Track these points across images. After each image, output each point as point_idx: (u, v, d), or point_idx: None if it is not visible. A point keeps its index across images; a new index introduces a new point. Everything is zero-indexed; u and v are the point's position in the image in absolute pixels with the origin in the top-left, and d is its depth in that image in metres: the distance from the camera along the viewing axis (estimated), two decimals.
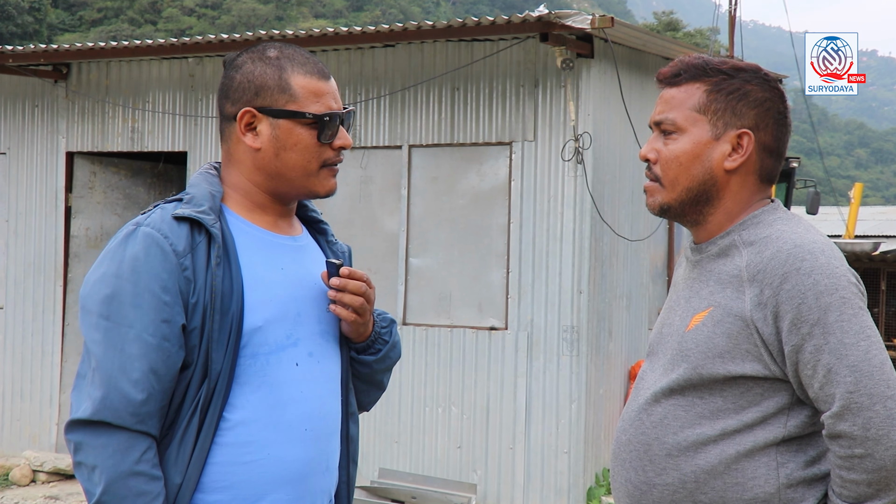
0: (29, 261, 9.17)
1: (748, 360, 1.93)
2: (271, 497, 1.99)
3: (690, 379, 1.98)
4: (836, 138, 78.37)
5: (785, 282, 1.89)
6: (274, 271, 2.06)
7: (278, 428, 2.00)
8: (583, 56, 7.29)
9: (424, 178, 7.86)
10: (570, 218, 7.32)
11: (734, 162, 2.05)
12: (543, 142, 7.44)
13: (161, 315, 1.91)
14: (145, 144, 8.84)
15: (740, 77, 2.06)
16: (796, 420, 1.95)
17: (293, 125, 2.05)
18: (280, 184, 2.09)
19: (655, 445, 2.01)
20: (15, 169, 9.27)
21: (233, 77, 2.08)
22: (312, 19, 47.92)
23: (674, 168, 2.06)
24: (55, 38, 40.12)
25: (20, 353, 9.12)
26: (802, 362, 1.89)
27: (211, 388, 1.94)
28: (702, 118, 2.05)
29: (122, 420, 1.88)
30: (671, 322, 2.10)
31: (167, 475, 1.93)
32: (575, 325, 7.32)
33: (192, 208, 2.00)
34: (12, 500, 7.93)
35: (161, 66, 8.83)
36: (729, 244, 2.04)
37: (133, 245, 1.95)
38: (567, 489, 7.31)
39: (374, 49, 8.03)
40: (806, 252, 1.91)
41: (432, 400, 7.76)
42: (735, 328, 1.94)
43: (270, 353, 2.01)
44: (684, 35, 33.81)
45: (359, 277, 2.12)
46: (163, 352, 1.91)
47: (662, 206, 2.10)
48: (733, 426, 1.95)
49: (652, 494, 2.01)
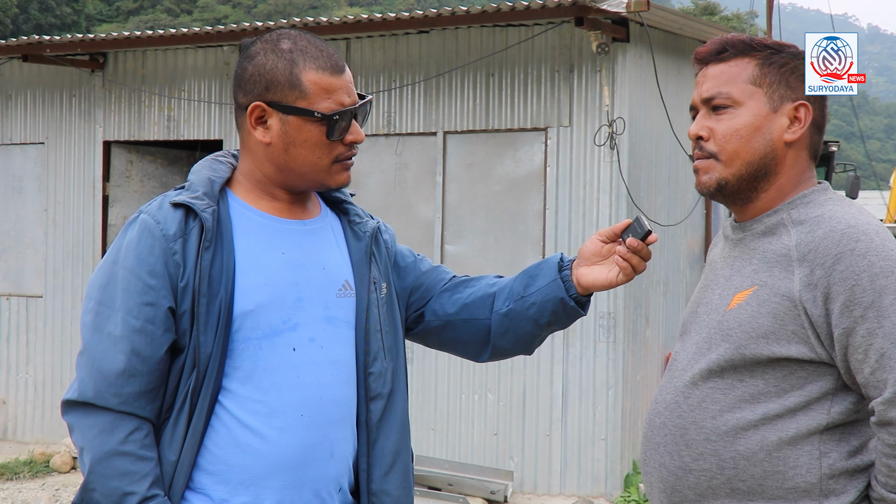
0: (67, 250, 9.25)
1: (794, 342, 1.88)
2: (268, 481, 1.98)
3: (732, 359, 1.93)
4: (876, 122, 77.38)
5: (838, 262, 1.83)
6: (273, 255, 2.04)
7: (273, 413, 1.99)
8: (618, 40, 7.22)
9: (459, 165, 7.83)
10: (605, 203, 7.27)
11: (794, 134, 2.02)
12: (579, 127, 7.38)
13: (146, 298, 1.93)
14: (181, 133, 8.88)
15: (787, 52, 2.05)
16: (840, 406, 1.89)
17: (302, 122, 2.03)
18: (290, 177, 2.08)
19: (693, 429, 1.96)
20: (53, 158, 9.35)
21: (245, 67, 2.07)
22: (347, 7, 47.95)
23: (734, 142, 2.00)
24: (93, 28, 40.44)
25: (59, 342, 9.21)
26: (853, 346, 1.82)
27: (201, 373, 1.95)
28: (758, 91, 2.01)
29: (105, 401, 1.91)
30: (709, 301, 2.05)
31: (162, 455, 1.95)
32: (611, 312, 7.28)
33: (187, 195, 2.01)
34: (53, 486, 8.02)
35: (196, 54, 8.86)
36: (776, 223, 1.99)
37: (131, 232, 2.00)
38: (604, 476, 7.28)
39: (409, 35, 8.00)
40: (860, 233, 1.85)
41: (468, 387, 7.75)
42: (782, 308, 1.88)
43: (264, 337, 2.00)
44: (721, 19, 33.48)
45: (648, 254, 2.14)
46: (146, 334, 1.93)
47: (720, 181, 2.02)
48: (775, 410, 1.89)
49: (688, 480, 1.96)
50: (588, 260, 2.21)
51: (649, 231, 2.10)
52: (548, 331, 2.27)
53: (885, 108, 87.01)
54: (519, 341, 2.27)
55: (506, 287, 2.28)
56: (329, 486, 2.06)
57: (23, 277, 9.45)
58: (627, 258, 2.14)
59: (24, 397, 9.38)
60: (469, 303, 2.29)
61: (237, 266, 1.99)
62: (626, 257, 2.14)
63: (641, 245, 2.12)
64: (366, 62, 8.15)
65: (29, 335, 9.36)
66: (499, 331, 2.26)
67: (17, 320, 9.42)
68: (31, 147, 9.46)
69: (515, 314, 2.24)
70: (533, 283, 2.24)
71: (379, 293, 2.16)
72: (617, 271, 2.17)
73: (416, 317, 2.33)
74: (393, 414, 2.15)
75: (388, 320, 2.18)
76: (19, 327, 9.41)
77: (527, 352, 2.31)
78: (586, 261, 2.21)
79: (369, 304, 2.13)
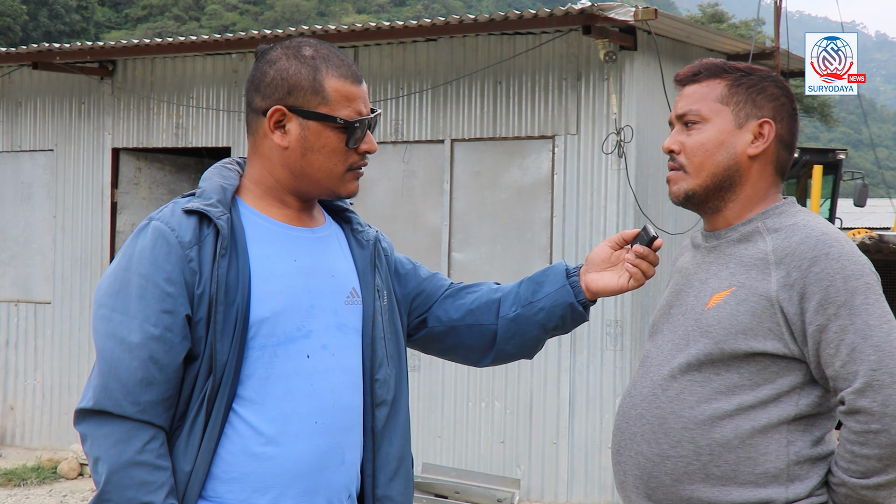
0: (76, 256, 9.27)
1: (769, 338, 2.03)
2: (282, 489, 1.98)
3: (711, 354, 2.07)
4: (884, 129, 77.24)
5: (814, 265, 2.00)
6: (286, 263, 2.05)
7: (288, 420, 1.99)
8: (626, 48, 7.23)
9: (467, 173, 7.84)
10: (613, 212, 7.27)
11: (757, 148, 2.16)
12: (586, 135, 7.39)
13: (164, 305, 1.92)
14: (189, 140, 8.91)
15: (756, 75, 2.20)
16: (807, 399, 2.05)
17: (323, 128, 2.04)
18: (303, 183, 2.08)
19: (671, 419, 2.09)
20: (62, 165, 9.38)
21: (266, 71, 2.07)
22: (355, 14, 48.06)
23: (699, 155, 2.17)
24: (102, 35, 40.58)
25: (67, 348, 9.24)
26: (826, 341, 1.99)
27: (217, 380, 1.94)
28: (724, 108, 2.17)
29: (123, 409, 1.89)
30: (683, 303, 2.18)
31: (176, 464, 1.93)
32: (619, 320, 7.28)
33: (201, 202, 2.00)
34: (60, 493, 8.03)
35: (205, 62, 8.89)
36: (752, 231, 2.14)
37: (143, 239, 1.98)
38: (611, 484, 7.26)
39: (417, 43, 8.02)
40: (833, 240, 2.03)
41: (475, 395, 7.75)
42: (759, 307, 2.03)
43: (279, 344, 2.00)
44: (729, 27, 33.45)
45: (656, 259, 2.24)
46: (165, 342, 1.92)
47: (687, 192, 2.19)
48: (749, 402, 2.04)
49: (665, 466, 2.09)
50: (597, 266, 2.28)
51: (655, 237, 2.22)
52: (551, 335, 2.32)
53: (894, 115, 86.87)
54: (524, 346, 2.31)
55: (511, 293, 2.32)
56: (340, 494, 2.06)
57: (31, 284, 9.48)
58: (636, 264, 2.22)
59: (31, 403, 9.40)
60: (474, 308, 2.31)
61: (252, 273, 1.99)
62: (635, 263, 2.22)
63: (648, 251, 2.22)
64: (374, 70, 8.17)
65: (37, 341, 9.39)
66: (505, 335, 2.29)
67: (25, 326, 9.45)
68: (40, 154, 9.50)
69: (523, 319, 2.28)
70: (541, 289, 2.28)
71: (381, 301, 2.18)
72: (627, 277, 2.25)
73: (418, 323, 2.35)
74: (397, 420, 2.17)
75: (390, 328, 2.20)
76: (27, 334, 9.44)
77: (529, 356, 2.36)
78: (595, 267, 2.28)
79: (375, 312, 2.15)
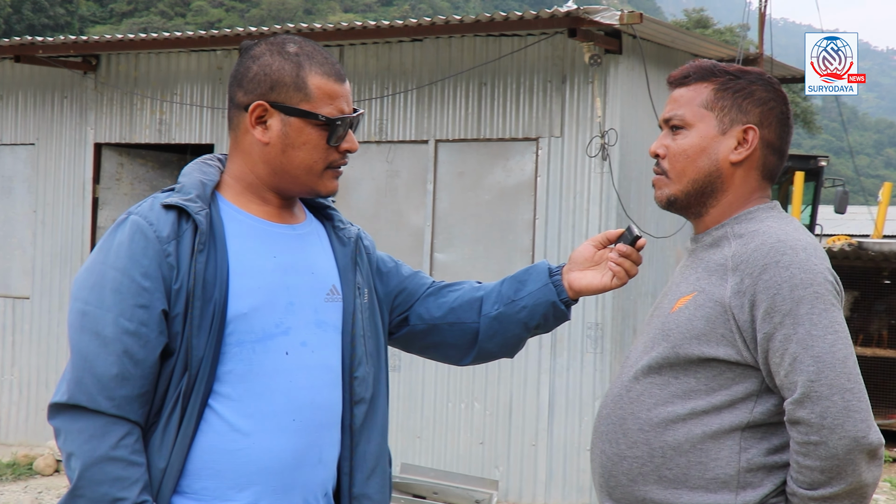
0: (55, 251, 9.22)
1: (722, 345, 2.04)
2: (257, 487, 1.97)
3: (668, 357, 2.09)
4: (865, 137, 77.69)
5: (764, 272, 2.00)
6: (265, 259, 2.04)
7: (265, 417, 1.98)
8: (611, 52, 7.24)
9: (450, 173, 7.84)
10: (595, 214, 7.28)
11: (739, 155, 2.16)
12: (570, 138, 7.40)
13: (140, 300, 1.91)
14: (173, 136, 8.87)
15: (746, 78, 2.18)
16: (763, 407, 2.05)
17: (304, 124, 2.04)
18: (283, 180, 2.08)
19: (630, 420, 2.12)
20: (43, 160, 9.33)
21: (249, 67, 2.07)
22: (341, 13, 48.01)
23: (681, 161, 2.17)
24: (86, 30, 40.38)
25: (45, 344, 9.18)
26: (772, 350, 1.99)
27: (193, 376, 1.93)
28: (709, 114, 2.16)
29: (98, 404, 1.88)
30: (660, 305, 2.21)
31: (151, 461, 1.92)
32: (599, 323, 7.29)
33: (180, 197, 2.00)
34: (36, 489, 7.98)
35: (189, 58, 8.85)
36: (721, 235, 2.15)
37: (121, 233, 1.97)
38: (589, 487, 7.28)
39: (402, 43, 8.01)
40: (787, 247, 2.02)
41: (455, 395, 7.75)
42: (714, 313, 2.05)
43: (257, 341, 1.99)
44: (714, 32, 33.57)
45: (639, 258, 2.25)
46: (140, 337, 1.90)
47: (669, 197, 2.20)
48: (702, 407, 2.05)
49: (622, 466, 2.12)
50: (581, 265, 2.29)
51: (638, 237, 2.23)
52: (532, 334, 2.33)
53: (875, 123, 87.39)
54: (506, 344, 2.32)
55: (493, 291, 2.33)
56: (316, 492, 2.06)
57: (10, 278, 9.42)
58: (619, 263, 2.23)
59: (8, 399, 9.34)
60: (456, 307, 2.32)
61: (231, 269, 1.98)
62: (618, 262, 2.23)
63: (631, 250, 2.23)
64: (359, 69, 8.15)
65: (15, 336, 9.33)
66: (487, 333, 2.30)
67: (2, 321, 9.39)
68: (21, 148, 9.44)
69: (505, 317, 2.28)
70: (523, 288, 2.29)
71: (362, 299, 2.17)
72: (610, 276, 2.25)
73: (399, 321, 2.35)
74: (375, 418, 2.16)
75: (370, 325, 2.20)
76: (5, 329, 9.38)
77: (510, 355, 2.37)
78: (579, 265, 2.29)
79: (355, 309, 2.15)
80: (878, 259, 10.84)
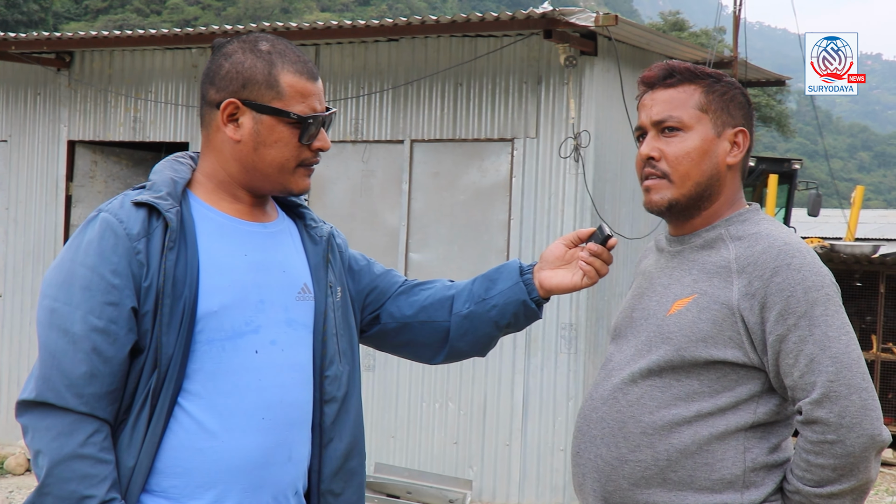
0: (28, 249, 9.16)
1: (729, 347, 2.04)
2: (227, 485, 1.97)
3: (671, 360, 2.08)
4: (839, 141, 78.28)
5: (776, 275, 2.01)
6: (236, 257, 2.04)
7: (234, 415, 1.98)
8: (586, 54, 7.27)
9: (426, 174, 7.85)
10: (570, 215, 7.31)
11: (735, 157, 2.17)
12: (545, 139, 7.42)
13: (109, 298, 1.91)
14: (147, 134, 8.83)
15: (724, 81, 2.19)
16: (765, 408, 2.07)
17: (276, 122, 2.04)
18: (255, 177, 2.08)
19: (631, 423, 2.10)
20: (16, 157, 9.26)
21: (221, 64, 2.06)
22: (318, 12, 47.88)
23: (685, 164, 2.15)
24: (60, 26, 40.10)
25: (17, 342, 9.12)
26: (785, 351, 2.00)
27: (162, 374, 1.93)
28: (705, 116, 2.15)
29: (66, 401, 1.88)
30: (645, 307, 2.19)
31: (120, 459, 1.92)
32: (573, 323, 7.31)
33: (150, 194, 2.00)
34: (7, 489, 7.93)
35: (164, 56, 8.82)
36: (715, 237, 2.15)
37: (91, 230, 1.97)
38: (563, 486, 7.30)
39: (378, 43, 8.01)
40: (795, 250, 2.04)
41: (429, 395, 7.75)
42: (720, 315, 2.04)
43: (227, 339, 1.99)
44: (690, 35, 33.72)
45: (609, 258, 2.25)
46: (109, 334, 1.90)
47: (671, 201, 2.16)
48: (707, 409, 2.06)
49: (623, 470, 2.10)
50: (551, 264, 2.29)
51: (609, 236, 2.23)
52: (504, 333, 2.33)
53: (849, 127, 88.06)
54: (477, 343, 2.32)
55: (464, 290, 2.33)
56: (286, 490, 2.06)
57: None
58: (590, 262, 2.23)
59: None
60: (427, 305, 2.32)
61: (201, 267, 1.98)
62: (589, 261, 2.23)
63: (602, 249, 2.23)
64: (335, 69, 8.15)
65: None
66: (458, 332, 2.30)
67: None
68: None
69: (476, 316, 2.29)
70: (494, 287, 2.29)
71: (334, 297, 2.18)
72: (581, 275, 2.25)
73: (371, 319, 2.35)
74: (346, 417, 2.16)
75: (343, 324, 2.19)
76: None
77: (481, 354, 2.37)
78: (549, 264, 2.29)
79: (326, 308, 2.14)
80: (849, 261, 10.93)
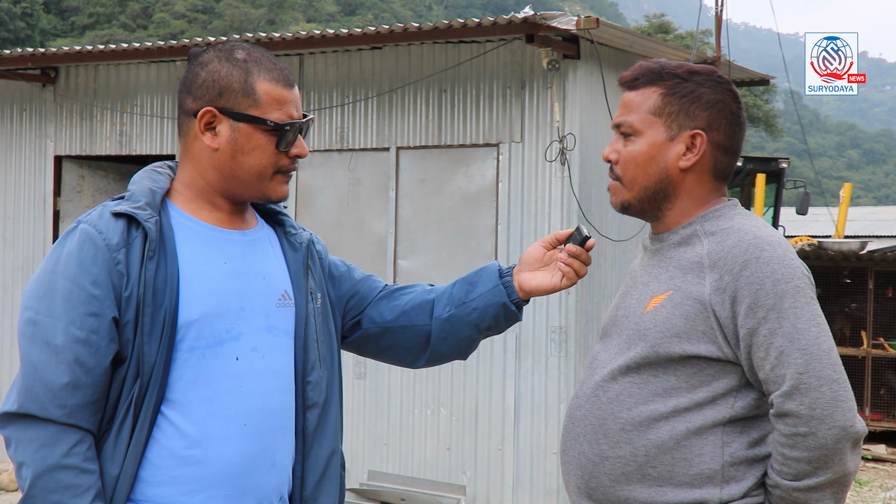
0: (17, 265, 9.15)
1: (703, 342, 2.05)
2: (211, 492, 1.98)
3: (647, 357, 2.09)
4: (827, 139, 78.49)
5: (745, 269, 2.01)
6: (216, 265, 2.05)
7: (216, 423, 1.99)
8: (569, 57, 7.29)
9: (412, 180, 7.86)
10: (557, 219, 7.33)
11: (688, 161, 2.16)
12: (530, 143, 7.44)
13: (89, 308, 1.92)
14: (133, 148, 8.83)
15: (694, 80, 2.19)
16: (743, 402, 2.07)
17: (253, 130, 2.05)
18: (233, 185, 2.09)
19: (610, 420, 2.12)
20: (3, 173, 9.25)
21: (197, 73, 2.08)
22: (304, 23, 47.88)
23: (632, 168, 2.18)
24: (47, 43, 40.03)
25: (8, 358, 9.10)
26: (756, 345, 2.00)
27: (145, 383, 1.94)
28: (657, 121, 2.17)
29: (48, 413, 1.89)
30: (627, 305, 2.21)
31: (104, 468, 1.93)
32: (563, 326, 7.33)
33: (129, 205, 2.01)
34: None
35: (149, 69, 8.82)
36: (690, 234, 2.16)
37: (70, 242, 1.98)
38: (556, 490, 7.31)
39: (362, 51, 8.03)
40: (765, 243, 2.04)
41: (421, 402, 7.76)
42: (693, 310, 2.06)
43: (208, 347, 2.00)
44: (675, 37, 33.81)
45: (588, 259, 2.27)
46: (90, 345, 1.91)
47: (623, 203, 2.22)
48: (685, 404, 2.07)
49: (604, 466, 2.11)
50: (530, 266, 2.31)
51: (588, 237, 2.25)
52: (484, 335, 2.36)
53: (836, 126, 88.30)
54: (458, 346, 2.35)
55: (444, 293, 2.35)
56: (271, 496, 2.07)
57: None
58: (569, 263, 2.26)
59: None
60: (408, 309, 2.34)
61: (181, 275, 1.99)
62: (568, 262, 2.26)
63: (580, 250, 2.25)
64: (319, 78, 8.16)
65: None
66: (439, 336, 2.32)
67: None
68: None
69: (457, 319, 2.31)
70: (474, 290, 2.32)
71: (315, 303, 2.19)
72: (560, 276, 2.28)
73: (352, 324, 2.36)
74: (327, 423, 2.18)
75: (323, 330, 2.21)
76: None
77: (463, 356, 2.38)
78: (528, 266, 2.31)
79: (307, 314, 2.16)
80: (837, 259, 10.97)
